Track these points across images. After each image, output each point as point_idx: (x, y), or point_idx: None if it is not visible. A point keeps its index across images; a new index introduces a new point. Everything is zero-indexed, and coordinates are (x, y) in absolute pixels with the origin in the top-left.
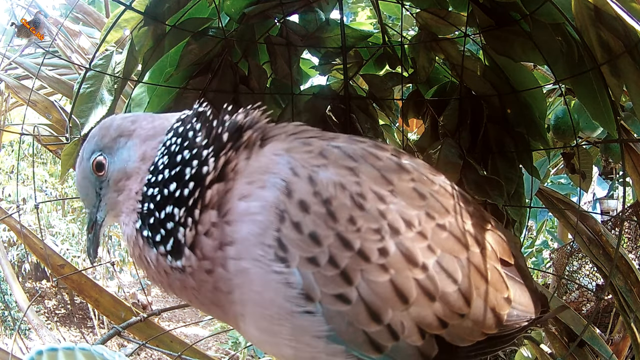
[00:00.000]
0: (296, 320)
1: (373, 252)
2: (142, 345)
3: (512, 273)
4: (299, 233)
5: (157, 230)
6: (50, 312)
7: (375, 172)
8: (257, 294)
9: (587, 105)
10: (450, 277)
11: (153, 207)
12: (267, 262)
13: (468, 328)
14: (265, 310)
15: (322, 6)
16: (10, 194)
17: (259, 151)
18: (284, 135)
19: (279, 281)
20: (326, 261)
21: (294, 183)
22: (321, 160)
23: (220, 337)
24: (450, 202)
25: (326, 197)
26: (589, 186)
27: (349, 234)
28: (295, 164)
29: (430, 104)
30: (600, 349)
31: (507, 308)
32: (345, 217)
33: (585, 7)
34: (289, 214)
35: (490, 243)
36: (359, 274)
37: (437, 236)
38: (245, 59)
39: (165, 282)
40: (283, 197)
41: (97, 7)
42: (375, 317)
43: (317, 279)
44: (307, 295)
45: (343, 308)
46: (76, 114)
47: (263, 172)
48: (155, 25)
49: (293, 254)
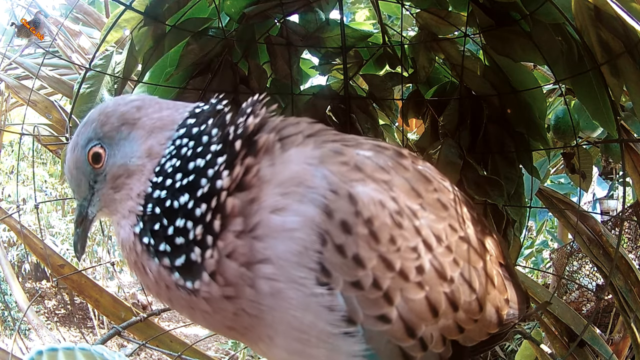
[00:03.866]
0: (334, 341)
1: (411, 271)
2: (142, 345)
3: (505, 273)
4: (343, 257)
5: (161, 240)
6: (50, 312)
7: (407, 184)
8: (294, 318)
9: (587, 105)
10: (470, 287)
11: (159, 212)
12: (307, 285)
13: (478, 330)
14: (302, 334)
15: (322, 6)
16: (10, 194)
17: (282, 156)
18: (301, 137)
19: (320, 304)
20: (370, 284)
21: (334, 201)
22: (358, 174)
23: (220, 337)
24: (465, 211)
25: (367, 217)
26: (589, 186)
27: (390, 255)
28: (333, 180)
29: (430, 104)
30: (600, 349)
31: (506, 308)
32: (387, 237)
33: (585, 7)
34: (331, 236)
35: (493, 248)
36: (399, 294)
37: (460, 249)
38: (245, 59)
39: (165, 295)
40: (324, 216)
41: (97, 7)
42: (411, 332)
43: (360, 302)
44: (350, 318)
45: (384, 328)
46: (76, 114)
47: (297, 183)
48: (155, 25)
49: (337, 279)
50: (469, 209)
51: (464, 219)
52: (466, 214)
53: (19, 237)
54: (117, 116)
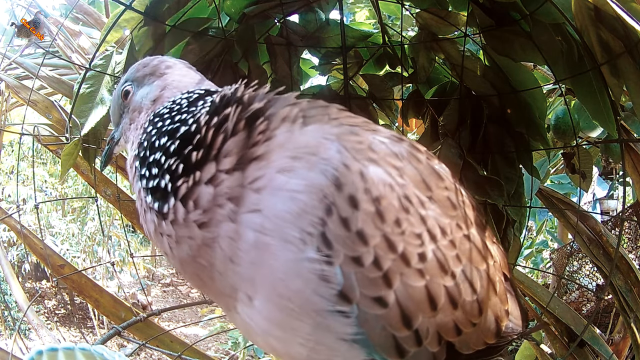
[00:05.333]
0: (323, 319)
1: (414, 257)
2: (142, 345)
3: (508, 287)
4: (347, 230)
5: (144, 165)
6: (50, 312)
7: (418, 175)
8: (279, 281)
9: (587, 105)
10: (471, 286)
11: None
12: (301, 248)
13: (475, 337)
14: (287, 301)
15: (322, 6)
16: (10, 194)
17: (302, 129)
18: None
19: (312, 272)
20: (370, 262)
21: (345, 175)
22: (372, 154)
23: (220, 337)
24: (473, 214)
25: (376, 195)
26: (589, 186)
27: (394, 236)
28: (347, 155)
29: (430, 104)
30: (600, 349)
31: (506, 320)
32: (393, 218)
33: (585, 7)
34: (337, 208)
35: (498, 256)
36: (398, 277)
37: (463, 246)
38: (245, 59)
39: (144, 218)
40: (333, 188)
41: (97, 7)
42: (407, 322)
43: (358, 280)
44: (345, 295)
45: (379, 311)
46: (76, 114)
47: (312, 153)
48: (155, 25)
49: (337, 251)
50: (479, 215)
51: (472, 222)
52: (475, 219)
53: (19, 237)
54: (150, 67)
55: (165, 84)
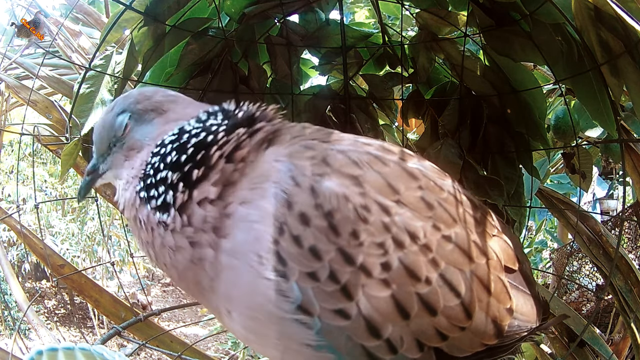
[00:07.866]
0: (287, 328)
1: (375, 267)
2: (142, 345)
3: (516, 280)
4: (299, 247)
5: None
6: (50, 312)
7: (381, 180)
8: (245, 295)
9: (587, 105)
10: (453, 290)
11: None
12: (259, 270)
13: (468, 340)
14: (253, 312)
15: (322, 6)
16: (10, 194)
17: (262, 153)
18: (288, 137)
19: (269, 288)
20: (326, 276)
21: (295, 195)
22: (324, 168)
23: (220, 337)
24: (458, 211)
25: (328, 209)
26: (589, 186)
27: (351, 249)
28: (297, 173)
29: (430, 104)
30: (600, 349)
31: (508, 319)
32: (348, 230)
33: (585, 7)
34: (289, 227)
35: (495, 252)
36: (359, 290)
37: (442, 248)
38: (245, 59)
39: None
40: (283, 208)
41: (97, 7)
42: (375, 332)
43: (316, 294)
44: (305, 309)
45: (342, 323)
46: (76, 114)
47: (264, 179)
48: (155, 25)
49: (292, 269)
50: (472, 210)
51: (455, 219)
52: (462, 215)
53: (19, 237)
54: (152, 101)
55: (168, 120)
